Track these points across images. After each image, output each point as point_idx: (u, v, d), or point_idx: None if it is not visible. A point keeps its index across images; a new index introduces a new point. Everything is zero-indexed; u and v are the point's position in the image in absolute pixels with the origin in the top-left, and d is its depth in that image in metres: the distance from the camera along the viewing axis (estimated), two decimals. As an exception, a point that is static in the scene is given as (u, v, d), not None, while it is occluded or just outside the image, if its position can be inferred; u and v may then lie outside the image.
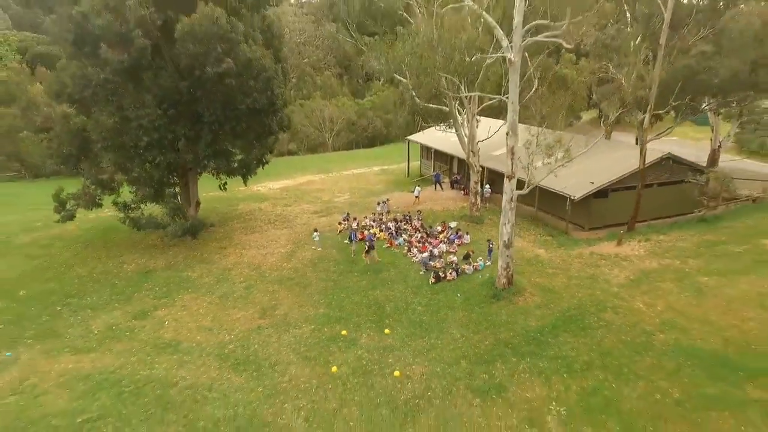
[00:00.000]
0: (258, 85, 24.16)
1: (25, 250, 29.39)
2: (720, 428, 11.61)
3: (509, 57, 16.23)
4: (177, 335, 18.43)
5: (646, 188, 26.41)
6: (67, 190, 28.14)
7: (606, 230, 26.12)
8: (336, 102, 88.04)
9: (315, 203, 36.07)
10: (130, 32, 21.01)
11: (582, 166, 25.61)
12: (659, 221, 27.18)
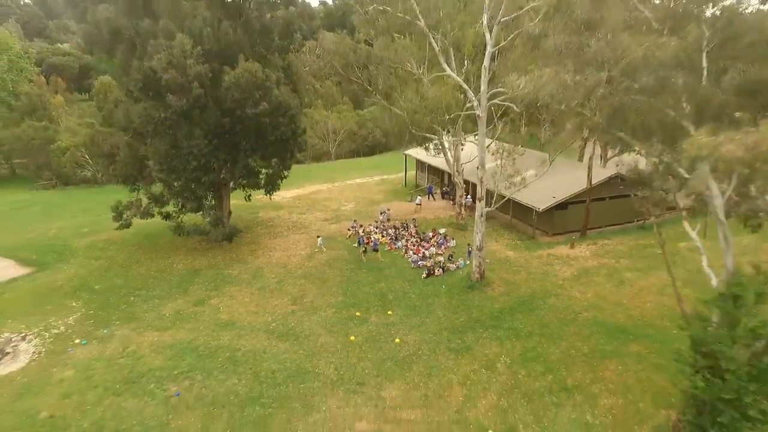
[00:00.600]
0: (285, 120, 30.28)
1: (85, 252, 35.37)
2: (607, 369, 17.79)
3: (478, 113, 22.40)
4: (231, 317, 24.53)
5: (600, 201, 32.66)
6: (97, 198, 34.08)
7: (565, 236, 32.32)
8: (337, 110, 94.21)
9: (325, 211, 42.18)
10: (189, 84, 27.01)
11: (548, 183, 31.82)
12: (609, 228, 33.40)
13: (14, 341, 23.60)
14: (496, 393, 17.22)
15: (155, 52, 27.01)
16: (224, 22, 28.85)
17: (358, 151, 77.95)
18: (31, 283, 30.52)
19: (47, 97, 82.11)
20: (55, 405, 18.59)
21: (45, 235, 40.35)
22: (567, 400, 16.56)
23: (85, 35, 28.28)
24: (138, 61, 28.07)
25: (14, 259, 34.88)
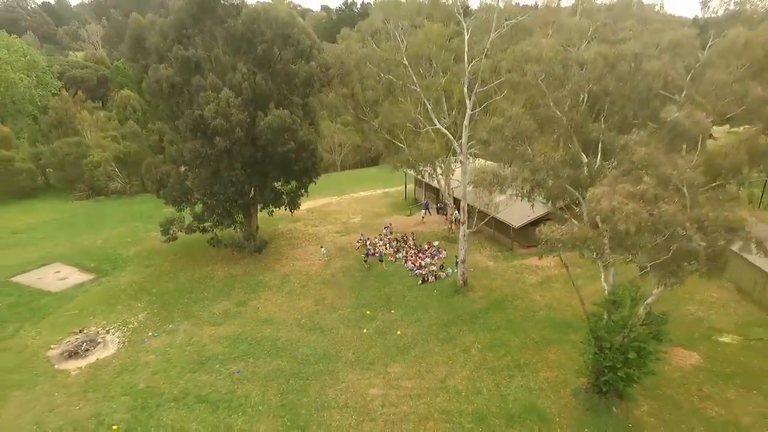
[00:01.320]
0: (306, 154, 37.07)
1: (136, 261, 42.14)
2: (550, 352, 24.62)
3: (460, 159, 29.19)
4: (269, 315, 31.32)
5: (566, 218, 39.45)
6: (130, 209, 40.68)
7: (537, 248, 39.04)
8: (342, 122, 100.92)
9: (335, 224, 48.96)
10: (233, 128, 33.70)
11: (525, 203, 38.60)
12: (574, 241, 40.13)
13: (101, 334, 30.39)
14: (469, 369, 24.02)
15: (205, 102, 33.74)
16: (258, 75, 35.53)
17: (362, 162, 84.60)
18: (98, 287, 37.32)
19: (72, 111, 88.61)
20: (148, 379, 25.37)
21: (95, 245, 47.09)
22: (519, 373, 23.36)
23: (150, 89, 34.81)
24: (189, 110, 34.74)
25: (76, 266, 41.67)
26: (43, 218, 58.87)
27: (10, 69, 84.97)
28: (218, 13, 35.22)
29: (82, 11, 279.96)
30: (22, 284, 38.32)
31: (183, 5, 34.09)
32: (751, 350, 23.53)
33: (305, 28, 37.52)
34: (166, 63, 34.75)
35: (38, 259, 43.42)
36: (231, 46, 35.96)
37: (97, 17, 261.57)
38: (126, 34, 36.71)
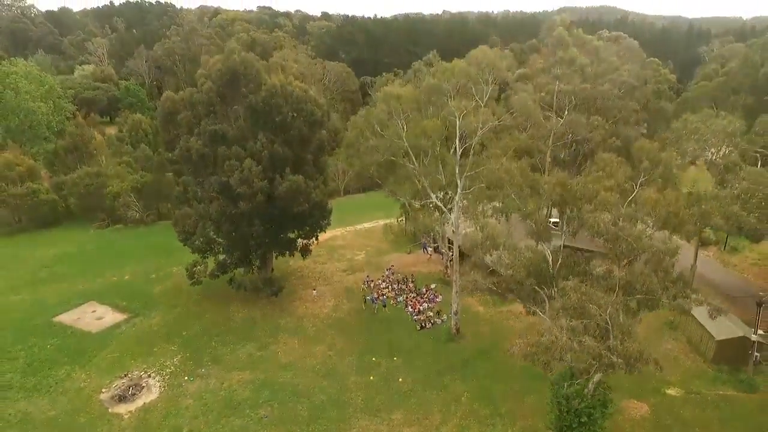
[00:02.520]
0: (317, 210, 41.90)
1: (163, 300, 46.88)
2: (528, 401, 29.57)
3: (452, 229, 34.04)
4: (288, 360, 36.18)
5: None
6: (149, 240, 45.62)
7: (522, 291, 43.92)
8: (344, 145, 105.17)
9: (342, 261, 53.76)
10: (255, 194, 38.42)
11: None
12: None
13: (144, 378, 35.22)
14: (459, 416, 28.97)
15: (230, 170, 38.49)
16: (276, 143, 40.24)
17: (364, 187, 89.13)
18: (133, 328, 42.11)
19: (88, 137, 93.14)
20: (190, 423, 30.23)
21: (122, 281, 51.88)
22: (500, 421, 28.29)
23: (181, 157, 39.52)
24: (215, 175, 39.46)
25: (109, 305, 46.44)
26: (68, 249, 63.50)
27: (29, 98, 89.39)
28: (241, 90, 39.92)
29: (85, 18, 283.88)
30: (65, 324, 43.10)
31: (211, 85, 38.75)
32: (690, 403, 28.48)
33: (316, 99, 42.15)
34: (195, 134, 39.47)
35: (74, 296, 48.20)
36: (252, 117, 40.64)
37: (100, 25, 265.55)
38: (158, 108, 41.24)
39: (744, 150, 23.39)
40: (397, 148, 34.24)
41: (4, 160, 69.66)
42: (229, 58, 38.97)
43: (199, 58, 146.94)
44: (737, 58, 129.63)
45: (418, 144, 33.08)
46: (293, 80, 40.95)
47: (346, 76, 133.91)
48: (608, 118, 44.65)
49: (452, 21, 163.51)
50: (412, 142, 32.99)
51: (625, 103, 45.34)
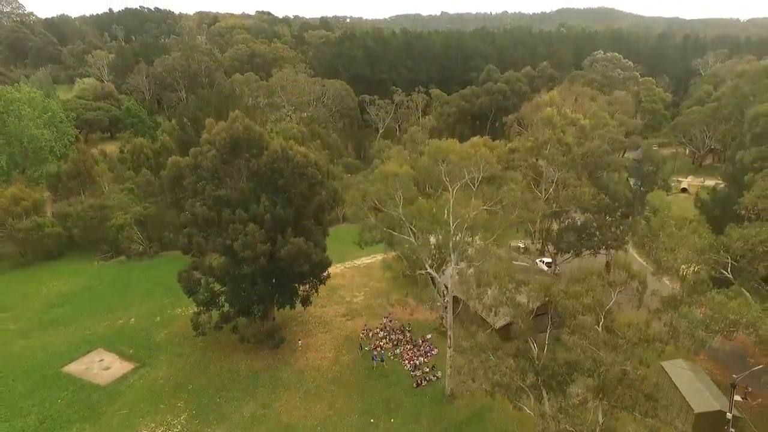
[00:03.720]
0: (318, 269, 43.56)
1: (168, 347, 48.49)
2: None
3: (445, 301, 35.71)
4: (290, 420, 37.86)
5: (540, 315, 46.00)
6: (153, 274, 47.39)
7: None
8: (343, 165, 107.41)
9: (341, 303, 55.40)
10: (258, 257, 40.03)
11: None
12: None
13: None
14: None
15: (234, 234, 40.10)
16: (278, 206, 41.83)
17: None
18: (140, 381, 43.73)
19: (90, 163, 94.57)
20: (198, 491, 31.89)
21: (128, 324, 53.48)
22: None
23: (186, 221, 41.11)
24: (220, 238, 41.05)
25: (116, 353, 48.07)
26: (73, 285, 65.02)
27: (33, 125, 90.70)
28: (245, 155, 41.49)
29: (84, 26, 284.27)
30: (74, 376, 44.71)
31: (216, 153, 40.31)
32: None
33: (316, 162, 43.69)
34: (200, 198, 41.06)
35: (82, 342, 49.80)
36: (254, 180, 42.23)
37: (99, 33, 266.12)
38: (165, 174, 42.73)
39: (713, 264, 24.88)
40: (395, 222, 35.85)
41: (11, 196, 71.02)
42: (232, 126, 40.52)
43: (199, 74, 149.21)
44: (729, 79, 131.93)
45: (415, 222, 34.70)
46: (293, 144, 42.50)
47: (345, 94, 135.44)
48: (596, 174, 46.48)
49: (449, 36, 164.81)
50: (409, 218, 34.63)
51: (613, 157, 47.00)
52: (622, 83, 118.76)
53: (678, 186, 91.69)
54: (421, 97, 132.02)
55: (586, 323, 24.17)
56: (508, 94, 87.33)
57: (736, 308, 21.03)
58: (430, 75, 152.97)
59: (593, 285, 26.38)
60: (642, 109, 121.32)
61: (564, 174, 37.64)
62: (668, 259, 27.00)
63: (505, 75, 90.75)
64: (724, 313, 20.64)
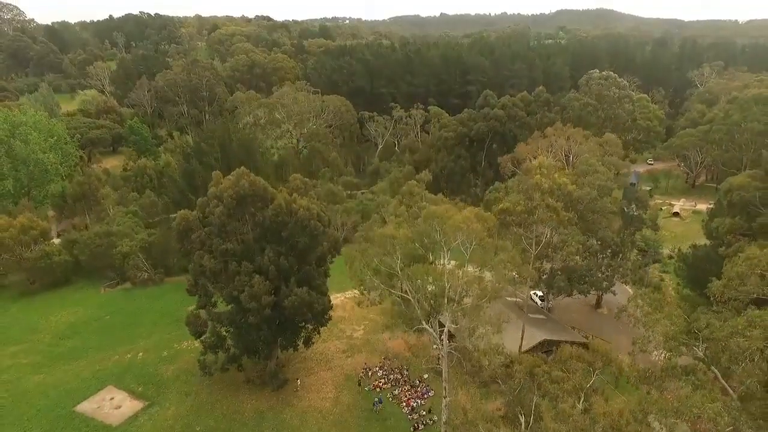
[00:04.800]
0: (322, 318, 45.71)
1: (176, 384, 50.54)
2: None
3: (443, 354, 37.83)
4: (294, 465, 39.99)
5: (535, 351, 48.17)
6: (159, 303, 49.59)
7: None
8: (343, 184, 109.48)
9: (341, 339, 57.46)
10: (263, 308, 42.06)
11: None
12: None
13: (164, 484, 38.97)
14: None
15: (240, 286, 42.14)
16: (281, 257, 43.86)
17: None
18: (149, 422, 45.80)
19: (95, 185, 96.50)
20: None
21: (136, 359, 55.49)
22: None
23: (194, 274, 43.15)
24: (227, 288, 43.10)
25: (126, 390, 50.12)
26: (81, 315, 67.03)
27: (39, 149, 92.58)
28: (250, 209, 43.51)
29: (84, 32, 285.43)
30: (87, 415, 46.78)
31: (223, 209, 42.28)
32: None
33: (319, 214, 45.61)
34: (208, 251, 43.07)
35: (92, 379, 51.85)
36: (259, 233, 44.24)
37: (100, 40, 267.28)
38: (174, 226, 44.71)
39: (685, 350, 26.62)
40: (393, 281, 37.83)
41: (20, 225, 72.91)
42: (238, 183, 42.51)
43: (200, 88, 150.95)
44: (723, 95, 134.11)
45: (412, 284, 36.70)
46: (297, 197, 44.50)
47: (344, 110, 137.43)
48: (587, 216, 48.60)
49: (448, 49, 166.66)
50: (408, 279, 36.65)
51: (602, 203, 49.07)
52: (617, 102, 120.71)
53: (670, 209, 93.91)
54: (420, 112, 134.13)
55: (566, 411, 26.18)
56: (505, 120, 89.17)
57: (698, 402, 22.87)
58: (428, 88, 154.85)
59: (574, 368, 28.41)
60: (637, 126, 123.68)
61: (553, 235, 39.70)
62: (642, 342, 29.01)
63: (502, 100, 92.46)
64: (689, 406, 22.55)
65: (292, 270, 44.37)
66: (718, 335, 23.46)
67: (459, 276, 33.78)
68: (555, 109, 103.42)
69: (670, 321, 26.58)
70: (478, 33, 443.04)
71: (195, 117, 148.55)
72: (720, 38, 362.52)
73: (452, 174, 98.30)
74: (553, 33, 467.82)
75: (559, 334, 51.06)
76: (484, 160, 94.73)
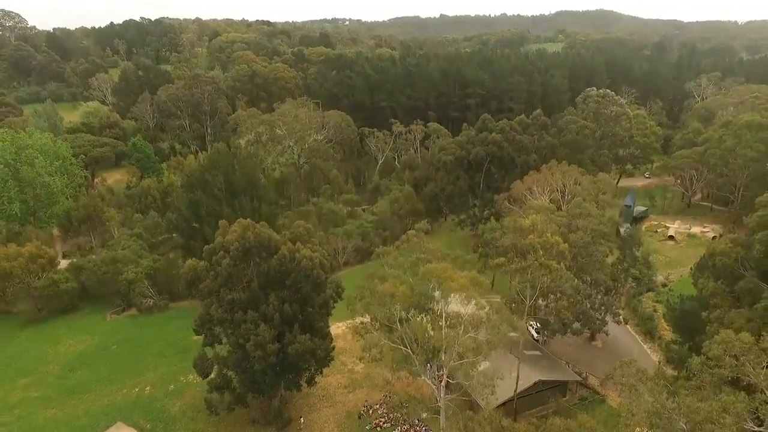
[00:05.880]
0: (324, 361, 47.44)
1: (183, 421, 52.39)
2: None
3: (439, 404, 39.56)
4: None
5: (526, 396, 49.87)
6: (164, 331, 51.83)
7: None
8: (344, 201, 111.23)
9: (342, 372, 59.16)
10: (268, 356, 43.74)
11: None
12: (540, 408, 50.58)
13: None
14: None
15: (246, 334, 43.84)
16: (285, 304, 45.53)
17: (361, 259, 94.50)
18: (159, 462, 47.57)
19: (100, 207, 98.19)
20: None
21: (143, 394, 57.30)
22: None
23: (202, 320, 44.86)
24: (233, 336, 44.81)
25: (134, 427, 51.91)
26: (89, 344, 68.74)
27: (45, 173, 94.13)
28: (256, 260, 45.17)
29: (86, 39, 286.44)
30: (97, 455, 48.58)
31: (229, 261, 43.92)
32: None
33: (321, 262, 47.17)
34: (216, 300, 44.77)
35: (101, 413, 53.83)
36: (264, 281, 45.89)
37: (101, 47, 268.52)
38: (182, 275, 46.31)
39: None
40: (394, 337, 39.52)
41: (28, 254, 74.55)
42: (244, 235, 44.14)
43: (202, 103, 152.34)
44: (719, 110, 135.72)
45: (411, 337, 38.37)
46: (300, 246, 46.12)
47: (345, 126, 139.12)
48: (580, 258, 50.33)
49: (447, 60, 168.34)
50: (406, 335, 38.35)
51: (595, 247, 50.73)
52: (614, 119, 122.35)
53: (665, 232, 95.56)
54: (420, 128, 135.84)
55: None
56: (503, 145, 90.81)
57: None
58: (428, 102, 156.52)
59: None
60: (634, 143, 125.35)
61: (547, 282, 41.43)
62: (626, 415, 30.67)
63: (500, 124, 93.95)
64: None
65: (295, 315, 46.04)
66: (695, 418, 25.07)
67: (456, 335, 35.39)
68: (552, 131, 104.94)
69: (652, 397, 28.13)
70: (478, 37, 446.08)
71: (197, 131, 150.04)
72: (719, 44, 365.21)
73: (451, 195, 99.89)
74: (553, 36, 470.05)
75: (554, 374, 52.75)
76: (483, 182, 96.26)
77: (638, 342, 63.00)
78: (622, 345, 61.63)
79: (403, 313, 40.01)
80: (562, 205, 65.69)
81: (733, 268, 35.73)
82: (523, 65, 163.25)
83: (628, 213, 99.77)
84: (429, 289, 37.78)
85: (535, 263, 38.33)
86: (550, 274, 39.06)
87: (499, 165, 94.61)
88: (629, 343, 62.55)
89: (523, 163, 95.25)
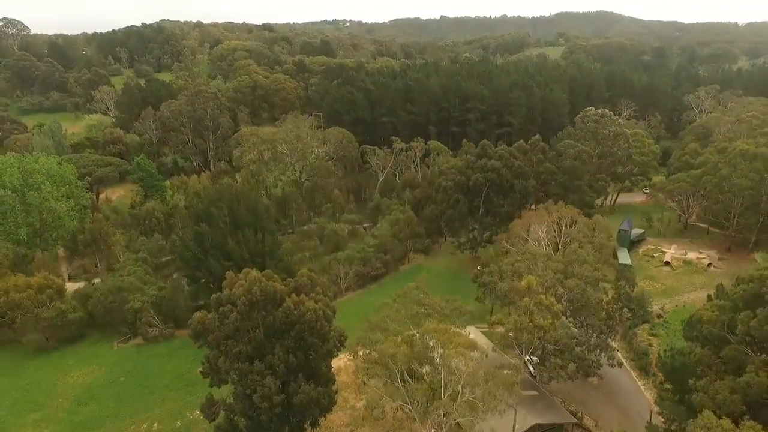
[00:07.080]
0: (329, 408, 49.11)
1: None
2: None
3: None
4: None
5: None
6: (170, 363, 53.88)
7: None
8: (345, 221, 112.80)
9: (344, 409, 60.70)
10: (274, 408, 45.41)
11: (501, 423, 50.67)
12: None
13: None
14: None
15: (252, 385, 45.52)
16: (290, 354, 47.17)
17: (362, 283, 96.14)
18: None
19: (106, 231, 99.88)
20: None
21: (151, 429, 59.02)
22: None
23: (211, 370, 46.53)
24: (240, 387, 46.49)
25: (147, 468, 53.63)
26: (97, 375, 70.42)
27: (52, 199, 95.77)
28: (262, 313, 46.82)
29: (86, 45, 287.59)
30: (108, 498, 50.33)
31: (236, 315, 45.57)
32: None
33: (325, 313, 48.75)
34: (223, 352, 46.43)
35: (111, 452, 55.42)
36: (269, 332, 47.54)
37: (103, 55, 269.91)
38: (190, 326, 47.93)
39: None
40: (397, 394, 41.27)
41: (37, 285, 76.21)
42: (250, 290, 45.75)
43: (204, 118, 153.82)
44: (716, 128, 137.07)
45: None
46: (305, 299, 47.74)
47: (346, 143, 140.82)
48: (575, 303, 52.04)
49: (447, 75, 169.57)
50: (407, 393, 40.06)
51: (589, 294, 52.42)
52: (612, 139, 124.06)
53: (662, 257, 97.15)
54: (420, 145, 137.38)
55: None
56: (502, 171, 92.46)
57: None
58: (428, 117, 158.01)
59: None
60: (633, 162, 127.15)
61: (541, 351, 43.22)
62: None
63: (499, 150, 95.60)
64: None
65: (300, 364, 47.69)
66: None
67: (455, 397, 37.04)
68: (551, 155, 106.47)
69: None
70: (478, 41, 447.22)
71: (199, 146, 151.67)
72: (718, 49, 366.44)
73: (451, 219, 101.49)
74: (553, 40, 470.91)
75: (550, 416, 54.39)
76: (482, 206, 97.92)
77: (633, 378, 64.68)
78: (616, 382, 63.27)
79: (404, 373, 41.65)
80: (559, 242, 67.29)
81: (719, 335, 37.28)
82: (523, 79, 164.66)
83: (625, 238, 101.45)
84: (429, 350, 39.41)
85: (529, 326, 39.99)
86: (545, 335, 40.72)
87: (498, 190, 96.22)
88: (624, 379, 64.16)
89: (522, 189, 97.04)
